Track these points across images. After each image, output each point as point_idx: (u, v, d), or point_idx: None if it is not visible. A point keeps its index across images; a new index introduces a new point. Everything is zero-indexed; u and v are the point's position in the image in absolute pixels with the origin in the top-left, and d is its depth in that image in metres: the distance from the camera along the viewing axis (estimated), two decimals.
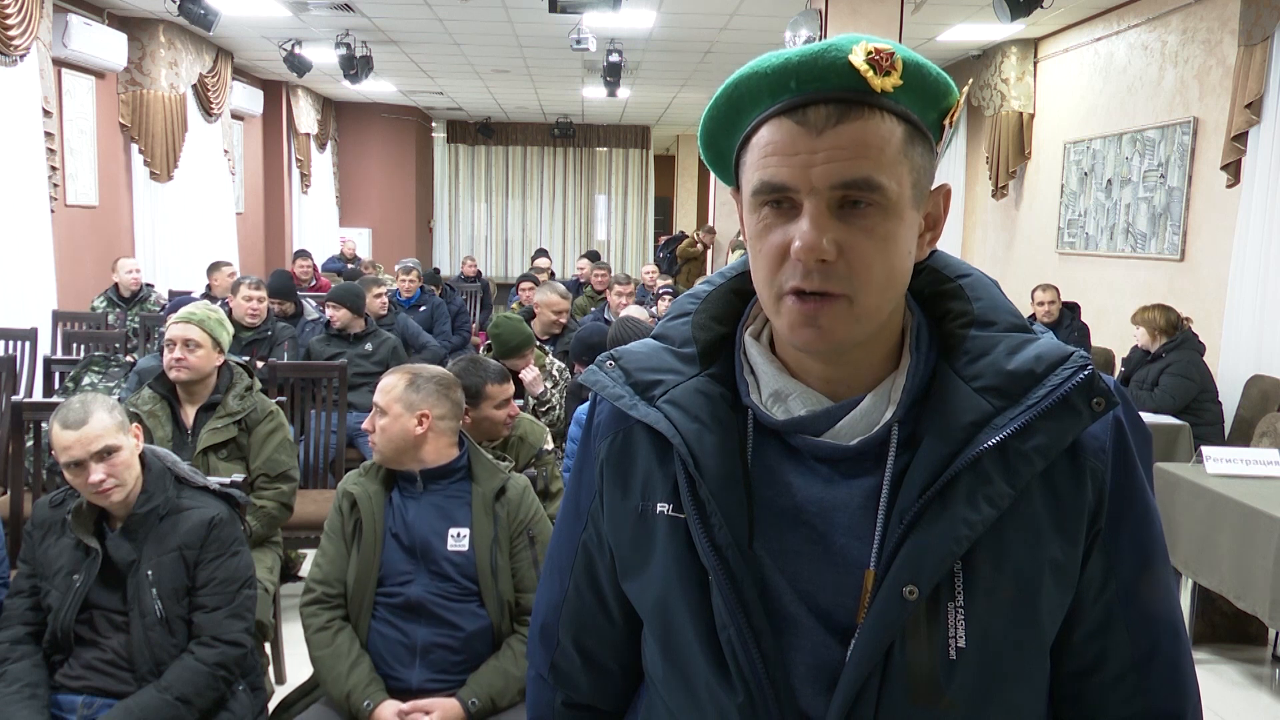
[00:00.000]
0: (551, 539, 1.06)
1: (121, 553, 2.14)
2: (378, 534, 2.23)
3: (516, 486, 2.31)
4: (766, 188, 0.82)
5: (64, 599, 2.12)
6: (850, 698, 0.82)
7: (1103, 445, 0.86)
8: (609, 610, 1.00)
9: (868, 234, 0.81)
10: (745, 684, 0.85)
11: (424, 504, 2.25)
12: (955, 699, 0.83)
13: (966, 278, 0.92)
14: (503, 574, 2.23)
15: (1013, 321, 0.89)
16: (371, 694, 2.13)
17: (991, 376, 0.85)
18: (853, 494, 0.86)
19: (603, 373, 0.95)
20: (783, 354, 0.91)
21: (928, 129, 0.84)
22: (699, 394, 0.90)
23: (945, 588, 0.82)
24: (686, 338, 0.94)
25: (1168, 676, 0.89)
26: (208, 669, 2.10)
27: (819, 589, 0.85)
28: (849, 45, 0.81)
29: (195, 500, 2.22)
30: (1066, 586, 0.86)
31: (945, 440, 0.83)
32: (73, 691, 2.12)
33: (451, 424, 2.31)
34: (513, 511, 2.27)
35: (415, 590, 2.19)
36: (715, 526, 0.86)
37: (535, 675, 1.07)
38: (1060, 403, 0.83)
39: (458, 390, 2.37)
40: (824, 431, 0.87)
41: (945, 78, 0.84)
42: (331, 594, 2.23)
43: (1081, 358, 0.85)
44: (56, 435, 2.10)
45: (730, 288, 0.96)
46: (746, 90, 0.84)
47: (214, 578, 2.16)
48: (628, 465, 0.94)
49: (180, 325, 3.02)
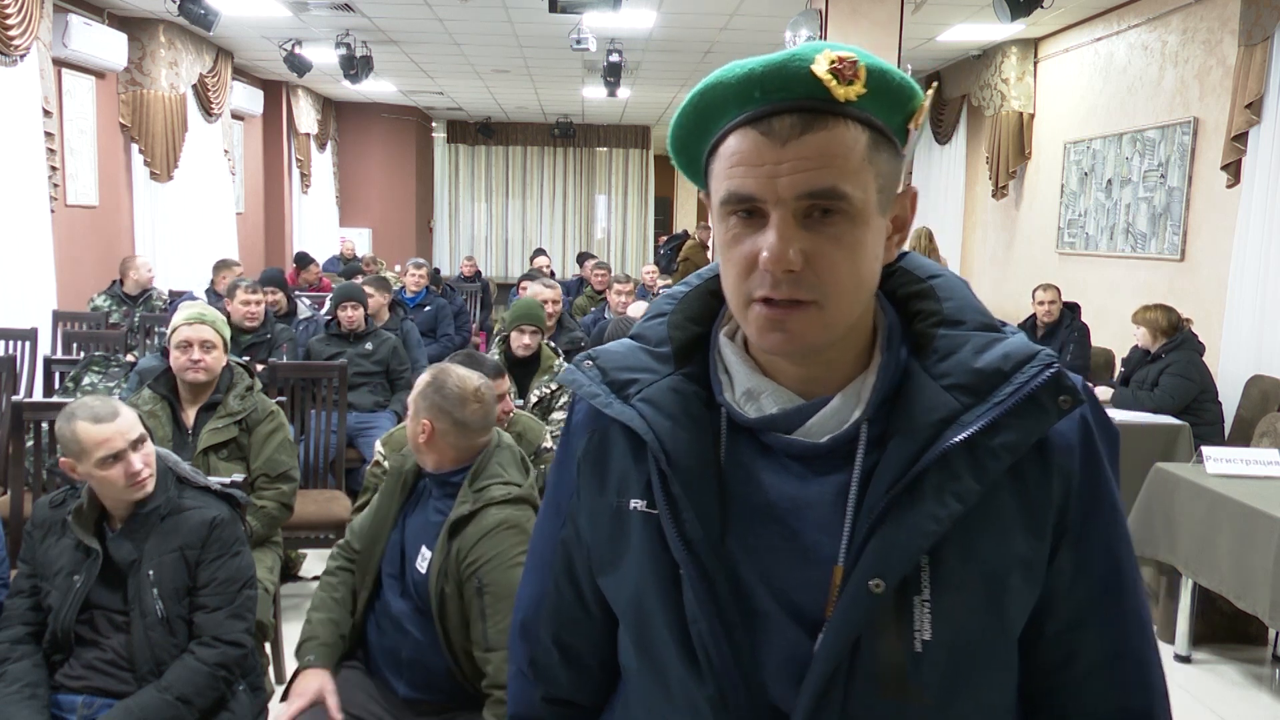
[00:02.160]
0: (532, 536, 1.08)
1: (122, 553, 2.14)
2: (391, 514, 2.21)
3: (481, 523, 2.05)
4: (733, 198, 0.84)
5: (64, 599, 2.12)
6: (818, 690, 0.83)
7: (1070, 443, 0.87)
8: (587, 606, 1.01)
9: (835, 242, 0.82)
10: (716, 677, 0.86)
11: (425, 510, 2.21)
12: (922, 692, 0.84)
13: (937, 278, 0.93)
14: (451, 612, 2.03)
15: (982, 321, 0.90)
16: (319, 654, 2.11)
17: (960, 374, 0.86)
18: (823, 491, 0.87)
19: (580, 372, 0.97)
20: (756, 353, 0.92)
21: (893, 134, 0.85)
22: (673, 392, 0.92)
23: (912, 582, 0.84)
24: (662, 337, 0.96)
25: (1137, 673, 0.91)
26: (208, 669, 2.10)
27: (790, 584, 0.87)
28: (812, 55, 0.82)
29: (196, 500, 2.22)
30: (1033, 582, 0.87)
31: (913, 437, 0.85)
32: (73, 691, 2.12)
33: (457, 440, 2.15)
34: (465, 548, 2.03)
35: (396, 602, 2.16)
36: (687, 522, 0.88)
37: (516, 671, 1.09)
38: (1027, 400, 0.84)
39: (468, 408, 2.15)
40: (796, 429, 0.88)
41: (909, 81, 0.85)
42: (354, 549, 2.27)
43: (1048, 356, 0.87)
44: (90, 432, 2.09)
45: (706, 289, 0.98)
46: (712, 100, 0.85)
47: (215, 578, 2.16)
48: (604, 463, 0.96)
49: (195, 327, 3.01)
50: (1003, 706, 0.90)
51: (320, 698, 2.06)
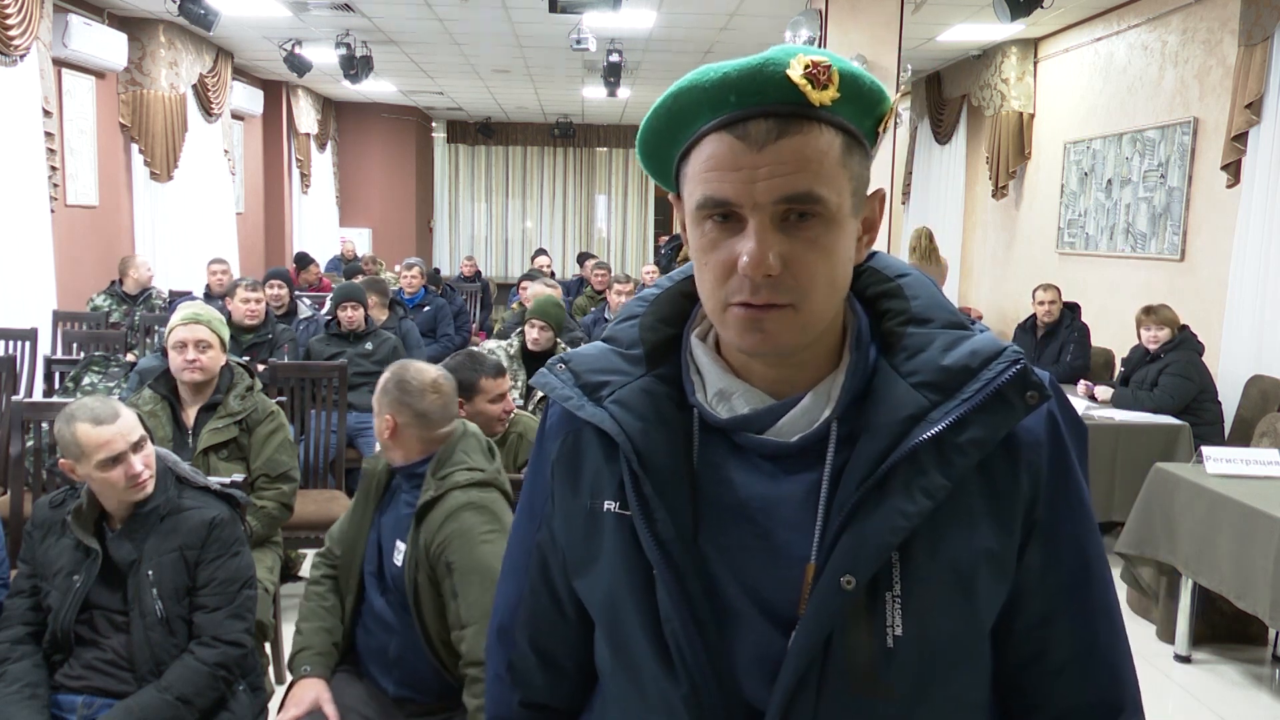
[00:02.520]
0: (509, 540, 1.08)
1: (122, 552, 2.14)
2: (368, 514, 2.24)
3: (445, 506, 2.08)
4: (710, 202, 0.84)
5: (64, 599, 2.12)
6: (791, 687, 0.84)
7: (1038, 438, 0.88)
8: (564, 610, 1.02)
9: (811, 245, 0.83)
10: (690, 676, 0.87)
11: (397, 505, 2.22)
12: (894, 687, 0.85)
13: (905, 277, 0.94)
14: (425, 602, 2.06)
15: (949, 319, 0.91)
16: (314, 663, 2.12)
17: (928, 372, 0.87)
18: (795, 489, 0.88)
19: (553, 375, 0.97)
20: (728, 354, 0.93)
21: (864, 137, 0.86)
22: (645, 393, 0.93)
23: (883, 578, 0.84)
24: (634, 339, 0.96)
25: (1108, 667, 0.92)
26: (208, 669, 2.10)
27: (762, 583, 0.87)
28: (786, 59, 0.82)
29: (196, 500, 2.23)
30: (1003, 577, 0.88)
31: (882, 435, 0.85)
32: (73, 691, 2.12)
33: (419, 432, 2.19)
34: (431, 533, 2.06)
35: (378, 600, 2.17)
36: (659, 522, 0.88)
37: (494, 675, 1.09)
38: (994, 396, 0.85)
39: (426, 399, 2.19)
40: (767, 429, 0.89)
41: (879, 86, 0.86)
42: (335, 554, 2.29)
43: (1015, 352, 0.88)
44: (91, 434, 2.08)
45: (678, 290, 0.98)
46: (686, 103, 0.85)
47: (215, 578, 2.16)
48: (577, 465, 0.96)
49: (190, 327, 3.00)
50: (975, 701, 0.91)
51: (317, 706, 2.07)
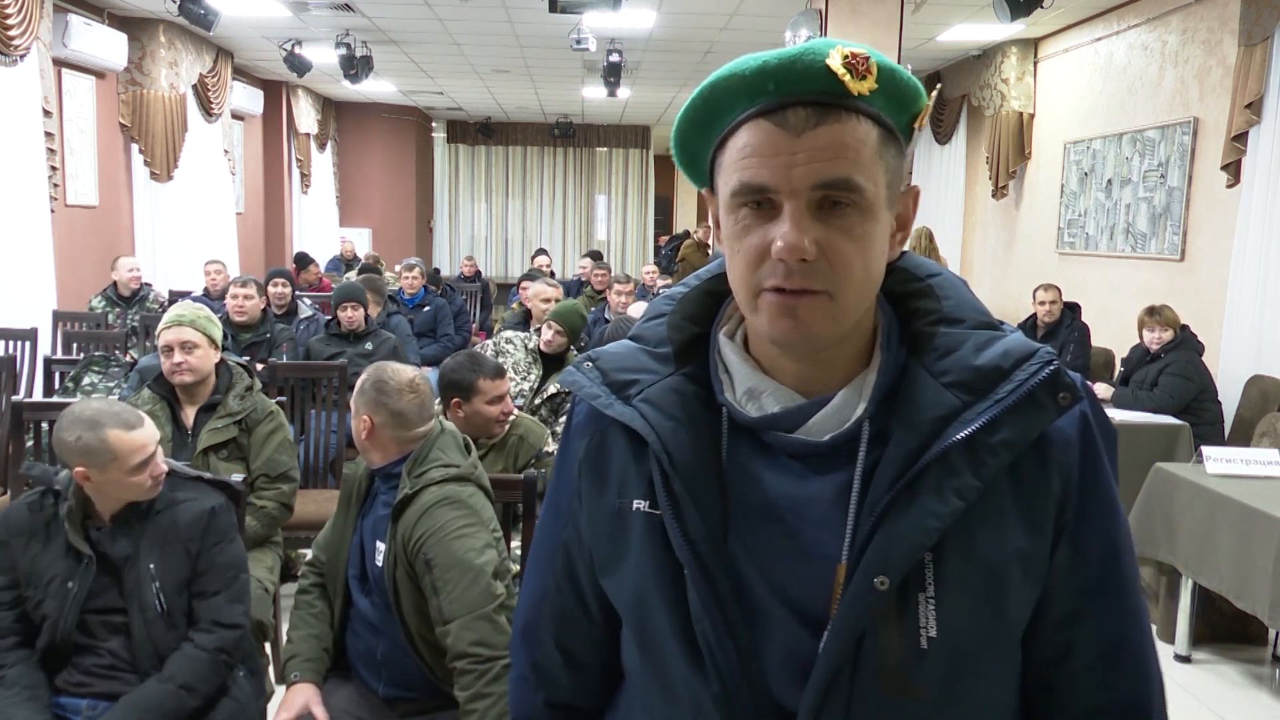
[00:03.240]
0: (533, 538, 1.08)
1: (117, 549, 2.11)
2: (350, 518, 2.24)
3: (420, 502, 2.08)
4: (746, 189, 0.84)
5: (62, 607, 2.08)
6: (822, 688, 0.84)
7: (1069, 439, 0.88)
8: (589, 609, 1.01)
9: (846, 234, 0.82)
10: (720, 676, 0.86)
11: (376, 507, 2.22)
12: (926, 688, 0.85)
13: (936, 277, 0.94)
14: (406, 600, 2.06)
15: (980, 319, 0.91)
16: (304, 670, 2.13)
17: (960, 372, 0.87)
18: (825, 489, 0.88)
19: (580, 373, 0.97)
20: (756, 352, 0.93)
21: (899, 132, 0.86)
22: (674, 392, 0.92)
23: (915, 579, 0.84)
24: (661, 338, 0.96)
25: (1134, 666, 0.91)
26: (209, 654, 2.10)
27: (792, 582, 0.87)
28: (826, 49, 0.82)
29: (191, 492, 2.21)
30: (1034, 578, 0.87)
31: (914, 435, 0.85)
32: (76, 696, 2.10)
33: (395, 433, 2.18)
34: (407, 529, 2.06)
35: (363, 602, 2.17)
36: (689, 522, 0.88)
37: (519, 675, 1.08)
38: (1027, 397, 0.85)
39: (403, 399, 2.18)
40: (797, 428, 0.89)
41: (915, 82, 0.86)
42: (321, 561, 2.29)
43: (1047, 353, 0.87)
44: (125, 439, 2.06)
45: (705, 289, 0.98)
46: (724, 92, 0.85)
47: (215, 563, 2.16)
48: (605, 464, 0.96)
49: (173, 329, 2.98)
50: (1005, 702, 0.91)
51: (307, 710, 2.07)
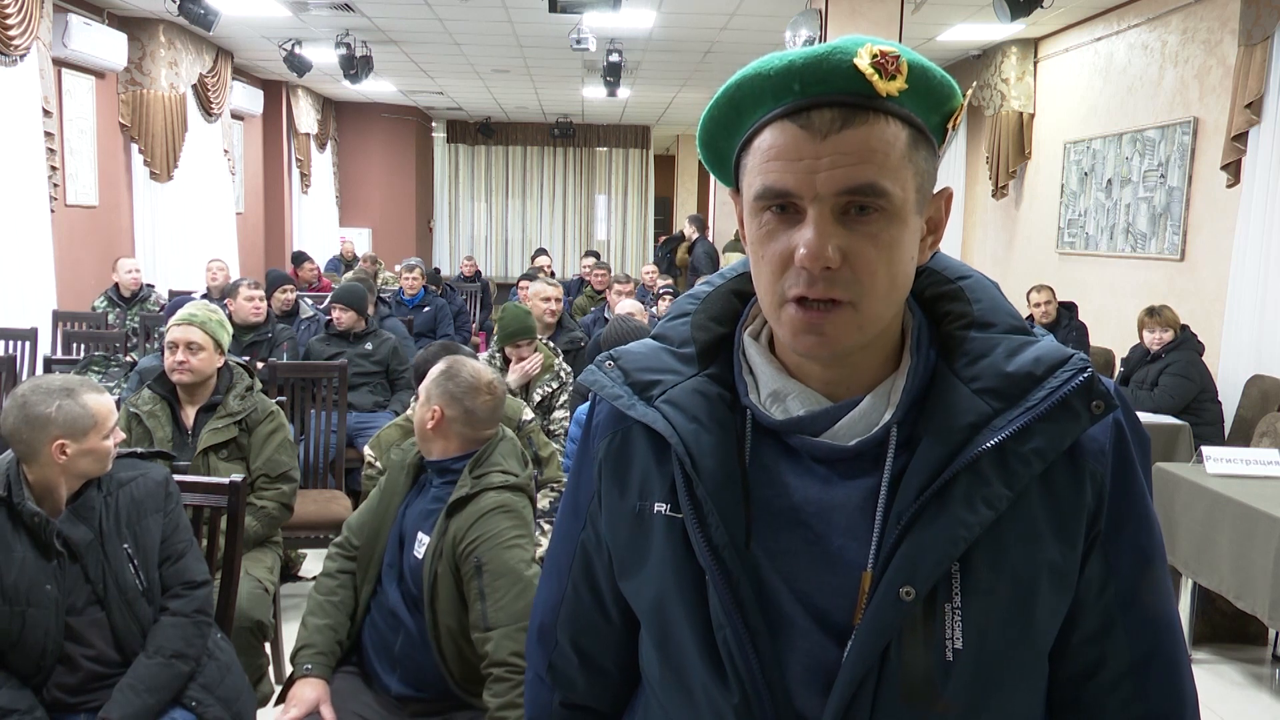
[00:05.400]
0: (550, 539, 1.06)
1: (77, 535, 2.02)
2: (393, 506, 2.23)
3: (478, 504, 2.09)
4: (769, 193, 0.81)
5: (47, 615, 1.98)
6: (846, 699, 0.82)
7: (1102, 448, 0.85)
8: (606, 610, 1.00)
9: (872, 240, 0.80)
10: (741, 684, 0.85)
11: (424, 499, 2.22)
12: (951, 701, 0.82)
13: (966, 279, 0.92)
14: (442, 595, 2.05)
15: (1012, 323, 0.88)
16: (316, 663, 2.12)
17: (990, 378, 0.85)
18: (850, 495, 0.85)
19: (601, 373, 0.95)
20: (782, 354, 0.90)
21: (931, 133, 0.83)
22: (697, 394, 0.90)
23: (942, 589, 0.82)
24: (685, 338, 0.94)
25: (1166, 679, 0.89)
26: (188, 618, 2.09)
27: (816, 590, 0.85)
28: (854, 48, 0.80)
29: (135, 468, 2.16)
30: (1064, 589, 0.85)
31: (943, 441, 0.83)
32: (72, 710, 2.03)
33: (463, 429, 2.19)
34: (461, 528, 2.06)
35: (392, 592, 2.16)
36: (712, 526, 0.86)
37: (534, 676, 1.07)
38: (1059, 405, 0.82)
39: (479, 398, 2.20)
40: (822, 432, 0.86)
41: (949, 80, 0.83)
42: (353, 544, 2.28)
43: (1081, 360, 0.85)
44: (102, 402, 2.06)
45: (730, 288, 0.96)
46: (749, 91, 0.83)
47: (179, 524, 2.16)
48: (626, 465, 0.94)
49: (182, 328, 3.00)
50: (1031, 716, 0.88)
51: (316, 708, 2.06)
